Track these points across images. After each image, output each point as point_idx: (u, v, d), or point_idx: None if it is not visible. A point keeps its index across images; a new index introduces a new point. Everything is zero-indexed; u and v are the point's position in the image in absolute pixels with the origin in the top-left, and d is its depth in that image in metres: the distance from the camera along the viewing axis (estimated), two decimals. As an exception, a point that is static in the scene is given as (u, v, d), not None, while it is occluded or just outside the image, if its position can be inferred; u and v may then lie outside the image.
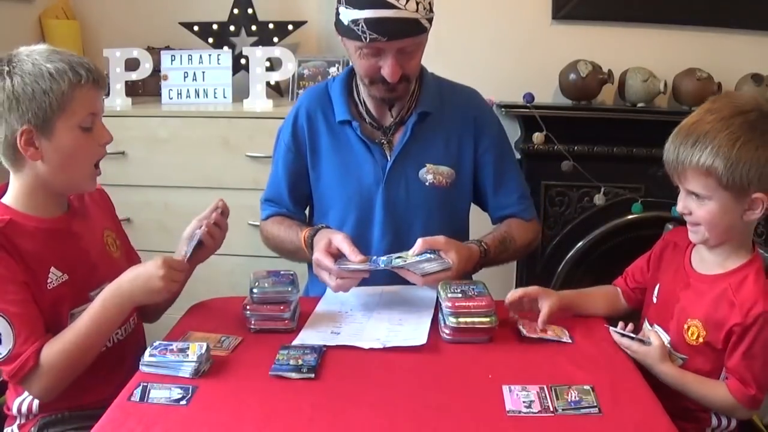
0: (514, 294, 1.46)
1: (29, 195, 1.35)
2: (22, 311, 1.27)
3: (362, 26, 1.50)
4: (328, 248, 1.52)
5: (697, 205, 1.31)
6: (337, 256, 1.52)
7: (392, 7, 1.49)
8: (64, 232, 1.38)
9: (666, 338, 1.38)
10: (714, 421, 1.35)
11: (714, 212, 1.29)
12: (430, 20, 1.57)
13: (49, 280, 1.32)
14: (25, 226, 1.32)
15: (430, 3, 1.55)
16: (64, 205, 1.42)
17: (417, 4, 1.51)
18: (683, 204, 1.34)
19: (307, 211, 1.86)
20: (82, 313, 1.33)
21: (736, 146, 1.24)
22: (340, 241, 1.51)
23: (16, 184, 1.36)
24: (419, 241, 1.50)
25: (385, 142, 1.71)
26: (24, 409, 1.36)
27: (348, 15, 1.52)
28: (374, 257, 1.53)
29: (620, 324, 1.40)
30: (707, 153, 1.26)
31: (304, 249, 1.64)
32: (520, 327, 1.41)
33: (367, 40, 1.51)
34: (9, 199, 1.36)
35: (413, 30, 1.53)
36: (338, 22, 1.57)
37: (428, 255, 1.50)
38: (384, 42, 1.51)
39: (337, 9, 1.56)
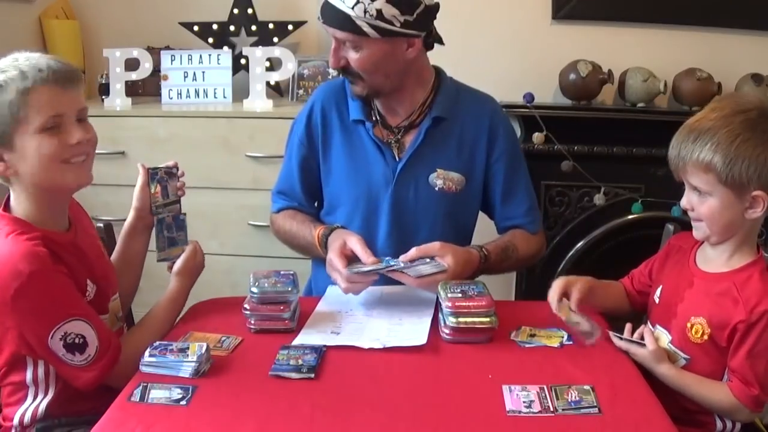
0: (555, 300, 1.44)
1: (36, 210, 1.32)
2: (93, 313, 1.30)
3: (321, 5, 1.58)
4: (342, 250, 1.53)
5: (699, 201, 1.32)
6: (351, 257, 1.52)
7: None
8: (78, 245, 1.37)
9: (667, 338, 1.38)
10: (719, 424, 1.35)
11: (714, 208, 1.30)
12: (377, 28, 1.54)
13: (87, 293, 1.34)
14: (55, 240, 1.30)
15: (380, 11, 1.52)
16: (66, 220, 1.39)
17: (357, 2, 1.52)
18: (687, 199, 1.36)
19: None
20: (155, 308, 1.47)
21: (735, 143, 1.25)
22: (354, 243, 1.53)
23: (19, 200, 1.32)
24: (413, 250, 1.52)
25: (393, 142, 1.71)
26: (27, 418, 1.34)
27: None
28: (386, 259, 1.53)
29: (627, 326, 1.40)
30: (707, 149, 1.27)
31: (317, 247, 1.65)
32: (516, 339, 1.40)
33: (319, 18, 1.59)
34: (21, 214, 1.32)
35: (343, 24, 1.55)
36: None
37: (424, 260, 1.51)
38: (322, 23, 1.59)
39: None
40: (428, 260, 1.51)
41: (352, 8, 1.52)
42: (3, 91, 1.23)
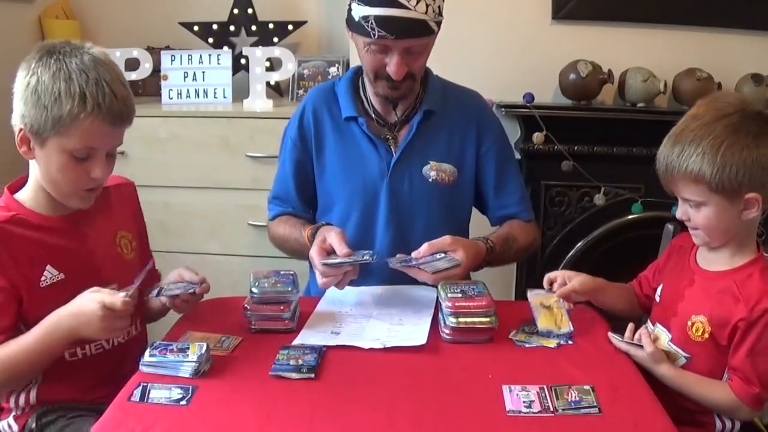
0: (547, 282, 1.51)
1: (39, 190, 1.35)
2: None
3: (371, 23, 1.53)
4: (321, 245, 1.53)
5: (695, 212, 1.33)
6: (331, 252, 1.52)
7: (402, 6, 1.51)
8: (68, 231, 1.38)
9: (667, 337, 1.38)
10: (718, 424, 1.35)
11: (710, 217, 1.30)
12: (438, 23, 1.60)
13: (43, 278, 1.32)
14: (29, 222, 1.33)
15: (439, 7, 1.58)
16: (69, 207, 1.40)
17: (426, 6, 1.53)
18: (682, 211, 1.36)
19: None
20: (29, 331, 1.28)
21: (720, 151, 1.25)
22: (332, 237, 1.52)
23: (31, 177, 1.36)
24: (425, 245, 1.51)
25: (390, 138, 1.73)
26: (21, 401, 1.36)
27: (359, 11, 1.55)
28: (360, 252, 1.50)
29: (630, 326, 1.40)
30: (693, 160, 1.27)
31: (309, 247, 1.65)
32: (515, 338, 1.41)
33: (375, 36, 1.54)
34: (23, 193, 1.37)
35: (420, 31, 1.55)
36: (350, 18, 1.59)
37: (436, 255, 1.50)
38: (391, 40, 1.54)
39: (350, 5, 1.59)
40: (440, 255, 1.51)
41: (425, 13, 1.53)
42: (57, 104, 1.25)
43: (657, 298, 1.46)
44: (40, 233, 1.34)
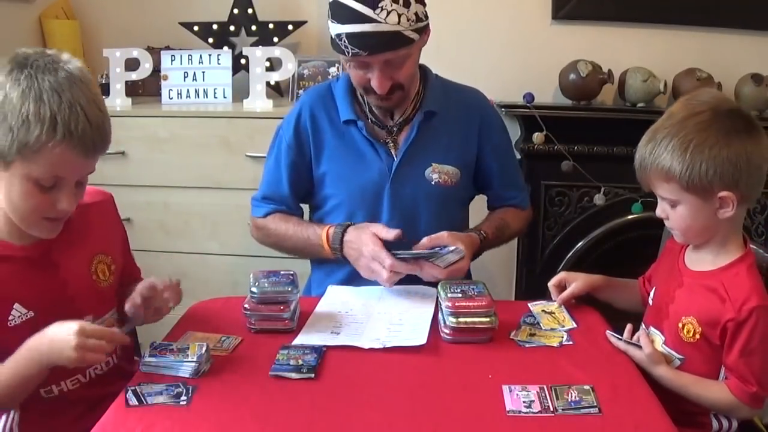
0: (554, 290, 1.55)
1: (4, 216, 1.24)
2: None
3: (344, 41, 1.52)
4: (379, 241, 1.54)
5: (672, 210, 1.33)
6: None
7: (371, 21, 1.49)
8: (38, 262, 1.27)
9: (660, 339, 1.38)
10: (715, 424, 1.34)
11: (685, 215, 1.31)
12: (418, 30, 1.56)
13: (10, 317, 1.23)
14: None
15: (416, 13, 1.54)
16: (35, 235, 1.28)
17: (399, 16, 1.50)
18: (660, 208, 1.36)
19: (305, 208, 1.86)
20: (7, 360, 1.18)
21: (689, 149, 1.25)
22: (386, 232, 1.54)
23: None
24: (425, 240, 1.54)
25: (390, 142, 1.72)
26: None
27: (334, 29, 1.55)
28: (435, 249, 1.55)
29: (628, 327, 1.40)
30: (664, 158, 1.27)
31: (324, 246, 1.66)
32: (515, 338, 1.41)
33: (350, 54, 1.53)
34: None
35: (395, 43, 1.53)
36: (331, 36, 1.58)
37: (440, 249, 1.52)
38: (366, 56, 1.53)
39: (328, 23, 1.58)
40: (444, 249, 1.53)
41: (398, 23, 1.51)
42: (24, 127, 1.13)
43: (650, 302, 1.46)
44: (6, 266, 1.24)
